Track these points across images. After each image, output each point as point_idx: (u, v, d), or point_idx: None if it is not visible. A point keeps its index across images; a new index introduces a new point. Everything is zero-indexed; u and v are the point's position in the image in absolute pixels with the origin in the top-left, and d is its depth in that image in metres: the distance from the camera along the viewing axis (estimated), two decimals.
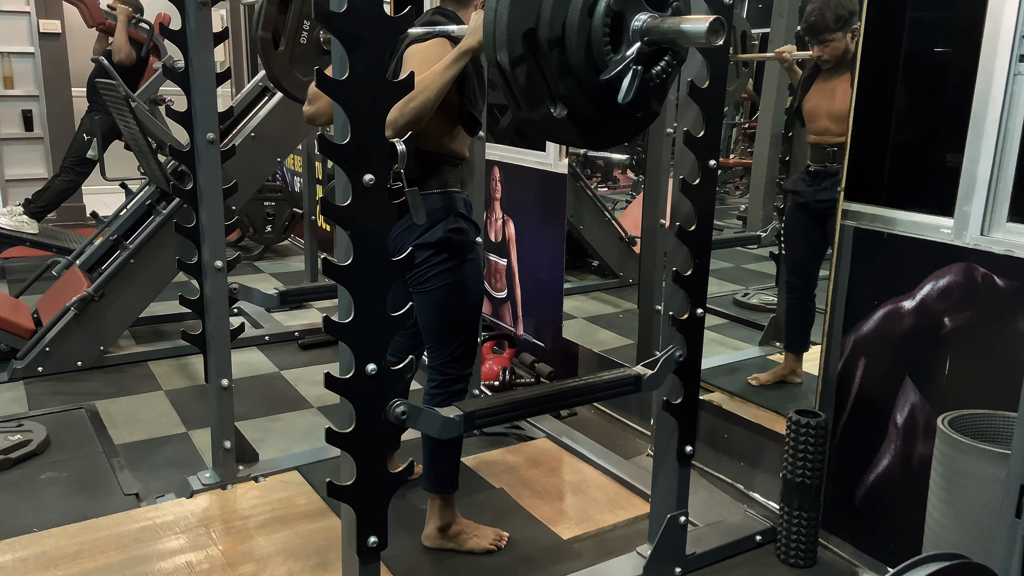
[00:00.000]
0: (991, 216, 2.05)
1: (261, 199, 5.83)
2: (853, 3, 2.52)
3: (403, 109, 1.91)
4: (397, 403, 1.70)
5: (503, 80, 1.61)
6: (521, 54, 1.57)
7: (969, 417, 1.96)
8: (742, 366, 3.33)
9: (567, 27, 1.57)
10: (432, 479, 2.36)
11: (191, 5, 2.41)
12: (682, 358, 2.13)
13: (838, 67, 2.69)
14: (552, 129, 1.68)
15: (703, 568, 2.38)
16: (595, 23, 1.56)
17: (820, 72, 2.80)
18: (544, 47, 1.58)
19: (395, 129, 1.95)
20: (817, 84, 2.81)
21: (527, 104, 1.62)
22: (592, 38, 1.57)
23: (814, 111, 2.83)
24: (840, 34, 2.54)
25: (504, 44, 1.56)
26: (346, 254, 1.58)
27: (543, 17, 1.56)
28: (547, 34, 1.57)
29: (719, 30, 1.49)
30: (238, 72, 7.31)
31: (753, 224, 3.85)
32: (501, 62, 1.58)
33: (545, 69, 1.60)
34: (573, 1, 1.56)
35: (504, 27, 1.55)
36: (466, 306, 2.28)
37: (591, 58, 1.58)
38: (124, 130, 4.16)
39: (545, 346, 3.74)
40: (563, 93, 1.61)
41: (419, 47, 2.10)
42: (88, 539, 2.43)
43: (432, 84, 1.95)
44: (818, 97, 2.80)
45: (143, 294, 3.94)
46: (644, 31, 1.57)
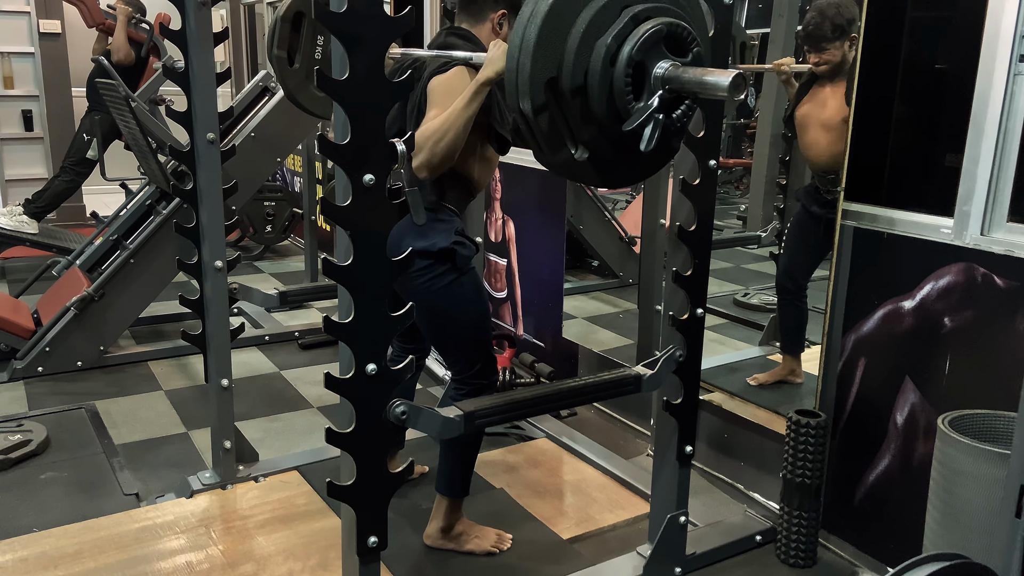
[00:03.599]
0: (991, 216, 2.05)
1: (261, 199, 5.83)
2: (852, 13, 2.53)
3: (434, 149, 1.96)
4: (397, 403, 1.70)
5: (525, 126, 1.62)
6: (544, 102, 1.58)
7: (969, 417, 1.96)
8: (742, 366, 3.33)
9: (589, 76, 1.57)
10: (447, 482, 2.36)
11: (191, 5, 2.41)
12: (682, 358, 2.13)
13: (833, 77, 2.70)
14: (572, 170, 1.69)
15: (703, 568, 2.38)
16: (617, 72, 1.57)
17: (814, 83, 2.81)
18: (567, 95, 1.58)
19: (431, 169, 1.99)
20: (811, 93, 2.81)
21: (549, 149, 1.63)
22: (614, 87, 1.57)
23: (805, 120, 2.84)
24: (838, 43, 2.56)
25: (527, 93, 1.56)
26: (346, 254, 1.58)
27: (565, 66, 1.57)
28: (569, 83, 1.58)
29: (740, 85, 1.50)
30: (238, 72, 7.31)
31: (753, 224, 3.85)
32: (524, 110, 1.59)
33: (568, 116, 1.60)
34: (595, 50, 1.57)
35: (527, 76, 1.55)
36: (473, 318, 2.28)
37: (613, 105, 1.59)
38: (124, 130, 4.16)
39: (545, 346, 3.74)
40: (585, 139, 1.63)
41: (442, 80, 2.10)
42: (88, 539, 2.43)
43: (457, 120, 1.97)
44: (810, 105, 2.80)
45: (143, 294, 3.94)
46: (666, 80, 1.58)
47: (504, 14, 2.23)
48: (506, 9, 2.23)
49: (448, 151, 1.98)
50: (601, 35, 1.56)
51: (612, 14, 1.57)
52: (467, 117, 1.98)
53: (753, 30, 4.01)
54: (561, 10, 1.55)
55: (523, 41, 1.56)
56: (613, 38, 1.56)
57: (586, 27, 1.56)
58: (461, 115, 1.97)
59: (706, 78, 1.54)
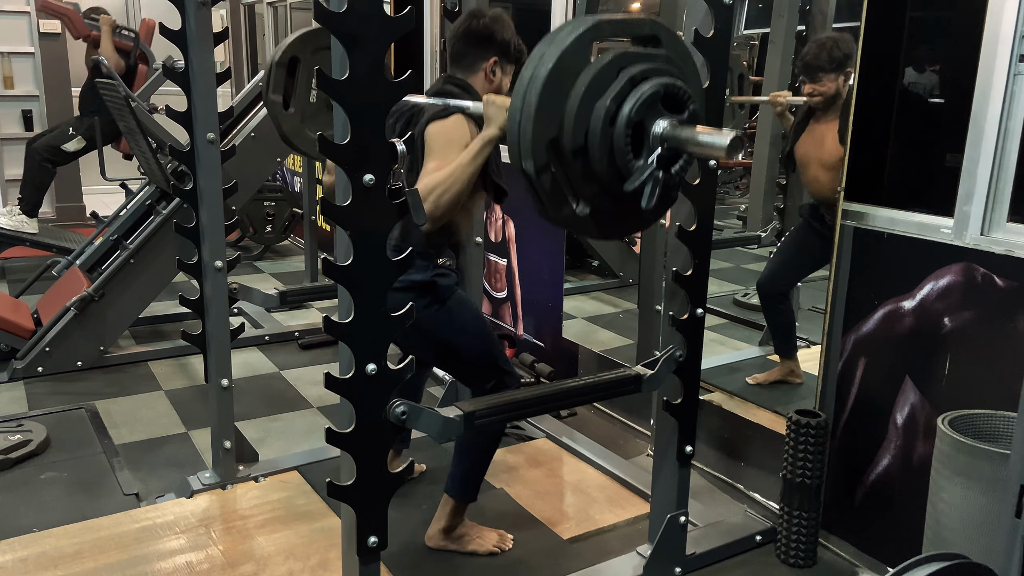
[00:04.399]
0: (991, 216, 2.05)
1: (261, 199, 5.83)
2: (848, 48, 2.59)
3: (437, 202, 2.00)
4: (397, 403, 1.70)
5: (528, 185, 1.66)
6: (546, 162, 1.61)
7: (969, 417, 1.96)
8: (742, 366, 3.34)
9: (590, 136, 1.61)
10: (459, 487, 2.37)
11: (191, 5, 2.41)
12: (682, 358, 2.13)
13: (827, 111, 2.73)
14: (574, 224, 1.73)
15: (703, 568, 2.38)
16: (617, 132, 1.60)
17: (811, 118, 2.82)
18: (568, 155, 1.62)
19: (433, 221, 2.03)
20: (808, 130, 2.84)
21: (552, 206, 1.67)
22: (614, 146, 1.61)
23: (805, 159, 2.88)
24: (834, 75, 2.63)
25: (530, 154, 1.60)
26: (346, 254, 1.58)
27: (566, 127, 1.60)
28: (571, 144, 1.61)
29: (738, 146, 1.54)
30: (238, 72, 7.31)
31: (753, 224, 3.85)
32: (527, 170, 1.62)
33: (569, 175, 1.64)
34: (595, 112, 1.60)
35: (529, 138, 1.59)
36: (470, 339, 2.30)
37: (613, 164, 1.62)
38: (124, 130, 4.16)
39: (545, 346, 3.74)
40: (586, 195, 1.66)
41: (440, 128, 2.14)
42: (88, 539, 2.43)
43: (462, 175, 2.03)
44: (809, 144, 2.83)
45: (143, 294, 3.94)
46: (664, 138, 1.61)
47: (496, 61, 2.30)
48: (497, 57, 2.29)
49: (451, 204, 2.03)
50: (600, 97, 1.60)
51: (610, 76, 1.61)
52: (471, 172, 2.04)
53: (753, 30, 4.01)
54: (561, 73, 1.59)
55: (524, 104, 1.60)
56: (612, 100, 1.59)
57: (585, 89, 1.59)
58: (466, 170, 2.03)
59: (704, 138, 1.59)
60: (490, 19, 2.29)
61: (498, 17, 2.30)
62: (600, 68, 1.59)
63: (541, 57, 1.59)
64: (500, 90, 2.32)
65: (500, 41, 2.28)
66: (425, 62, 4.32)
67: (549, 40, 1.60)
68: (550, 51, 1.58)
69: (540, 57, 1.59)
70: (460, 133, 2.12)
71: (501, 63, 2.30)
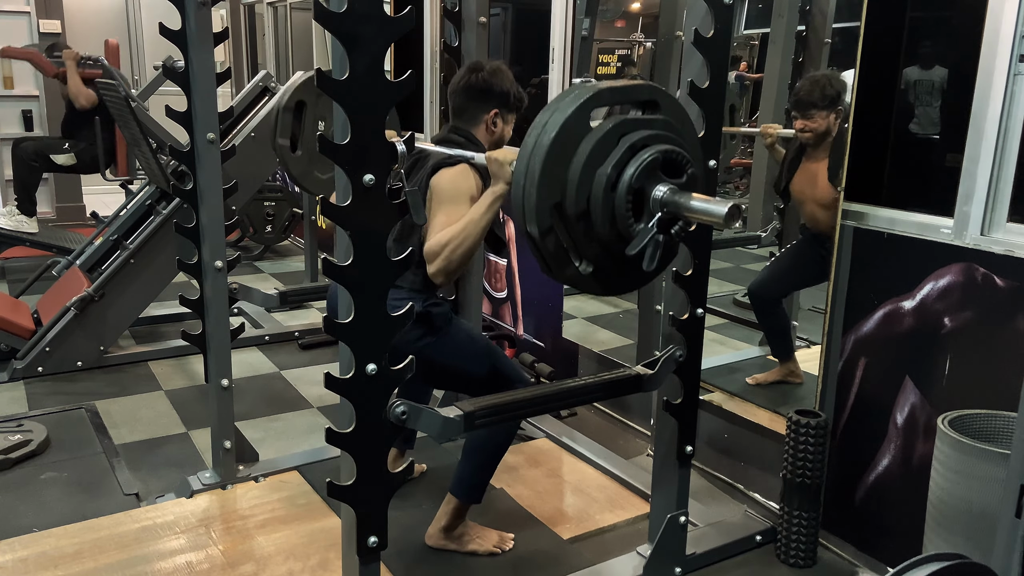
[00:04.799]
0: (991, 216, 2.05)
1: (261, 199, 5.83)
2: (841, 86, 2.63)
3: (451, 256, 2.05)
4: (397, 403, 1.70)
5: (532, 245, 1.71)
6: (550, 226, 1.67)
7: (969, 417, 1.96)
8: (742, 366, 3.33)
9: (592, 201, 1.66)
10: (465, 488, 2.37)
11: (191, 5, 2.40)
12: (682, 358, 2.13)
13: (818, 148, 2.75)
14: (577, 282, 1.78)
15: (703, 568, 2.38)
16: (618, 198, 1.66)
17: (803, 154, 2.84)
18: (571, 219, 1.68)
19: (447, 275, 2.08)
20: (801, 168, 2.86)
21: (556, 266, 1.73)
22: (616, 211, 1.67)
23: (800, 196, 2.91)
24: (825, 112, 2.67)
25: (534, 219, 1.66)
26: (346, 254, 1.58)
27: (569, 193, 1.66)
28: (574, 209, 1.66)
29: (735, 215, 1.60)
30: (238, 72, 7.31)
31: (753, 224, 3.85)
32: (531, 233, 1.68)
33: (573, 236, 1.70)
34: (596, 178, 1.65)
35: (533, 203, 1.65)
36: (476, 361, 2.33)
37: (615, 227, 1.68)
38: (124, 130, 4.16)
39: (545, 346, 3.74)
40: (589, 255, 1.72)
41: (448, 178, 2.18)
42: (88, 539, 2.43)
43: (473, 231, 2.07)
44: (803, 182, 2.86)
45: (143, 294, 3.94)
46: (664, 203, 1.67)
47: (496, 113, 2.36)
48: (497, 109, 2.35)
49: (465, 258, 2.07)
50: (601, 164, 1.65)
51: (611, 144, 1.66)
52: (483, 227, 2.07)
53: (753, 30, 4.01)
54: (563, 141, 1.64)
55: (528, 171, 1.65)
56: (612, 167, 1.65)
57: (587, 157, 1.64)
58: (477, 225, 2.07)
59: (702, 206, 1.64)
60: (488, 72, 2.34)
61: (496, 70, 2.36)
62: (601, 136, 1.66)
63: (544, 125, 1.65)
64: (502, 140, 2.40)
65: (499, 93, 2.34)
66: (425, 62, 4.32)
67: (552, 108, 1.67)
68: (553, 119, 1.65)
69: (543, 125, 1.66)
70: (467, 184, 2.17)
71: (502, 114, 2.37)
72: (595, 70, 3.89)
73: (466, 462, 2.37)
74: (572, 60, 3.55)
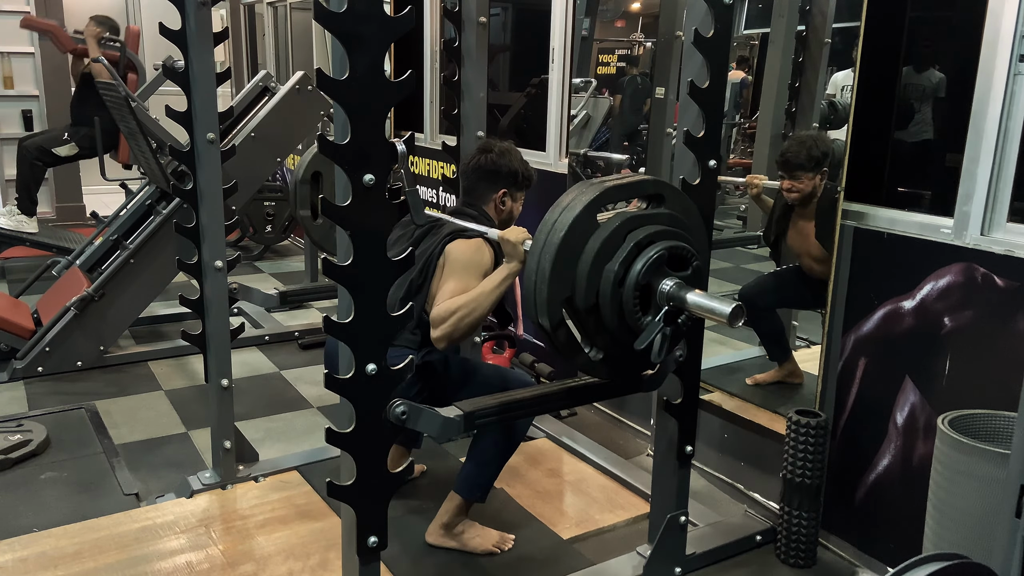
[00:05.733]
0: (991, 216, 2.05)
1: (261, 199, 5.83)
2: (826, 147, 2.66)
3: (458, 324, 2.09)
4: (397, 403, 1.70)
5: (544, 336, 1.78)
6: (560, 319, 1.74)
7: (969, 417, 1.96)
8: (742, 366, 3.33)
9: (600, 297, 1.73)
10: (470, 486, 2.38)
11: (191, 5, 2.40)
12: (682, 358, 2.13)
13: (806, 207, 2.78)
14: (588, 368, 1.85)
15: (703, 568, 2.38)
16: (626, 293, 1.73)
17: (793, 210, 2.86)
18: (581, 312, 1.75)
19: (450, 341, 2.11)
20: (792, 223, 2.88)
21: (567, 355, 1.81)
22: (624, 306, 1.73)
23: (797, 251, 2.95)
24: (811, 174, 2.70)
25: (545, 313, 1.73)
26: (346, 254, 1.58)
27: (578, 288, 1.73)
28: (583, 303, 1.74)
29: (739, 315, 1.66)
30: (238, 72, 7.31)
31: (753, 224, 3.85)
32: (543, 325, 1.75)
33: (583, 327, 1.77)
34: (604, 275, 1.72)
35: (544, 299, 1.72)
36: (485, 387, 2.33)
37: (623, 320, 1.74)
38: (124, 130, 4.16)
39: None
40: (599, 344, 1.80)
41: (463, 249, 2.24)
42: (88, 539, 2.43)
43: (485, 302, 2.12)
44: (796, 240, 2.89)
45: (143, 294, 3.94)
46: (669, 297, 1.73)
47: (504, 192, 2.43)
48: (506, 188, 2.42)
49: (471, 328, 2.12)
50: (609, 260, 1.72)
51: (617, 241, 1.73)
52: (493, 300, 2.13)
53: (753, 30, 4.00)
54: (572, 241, 1.71)
55: (539, 268, 1.72)
56: (620, 264, 1.72)
57: (595, 255, 1.71)
58: (488, 297, 2.12)
59: (707, 304, 1.71)
60: (497, 153, 2.41)
61: (505, 151, 2.43)
62: (608, 233, 1.72)
63: (553, 224, 1.72)
64: (511, 217, 2.46)
65: (507, 174, 2.41)
66: (425, 62, 4.32)
67: (561, 207, 1.74)
68: (562, 219, 1.72)
69: (552, 224, 1.73)
70: (481, 257, 2.24)
71: (511, 192, 2.43)
72: (595, 70, 3.89)
73: (473, 461, 2.37)
74: (572, 60, 3.55)
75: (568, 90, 3.56)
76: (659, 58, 3.47)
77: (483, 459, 2.36)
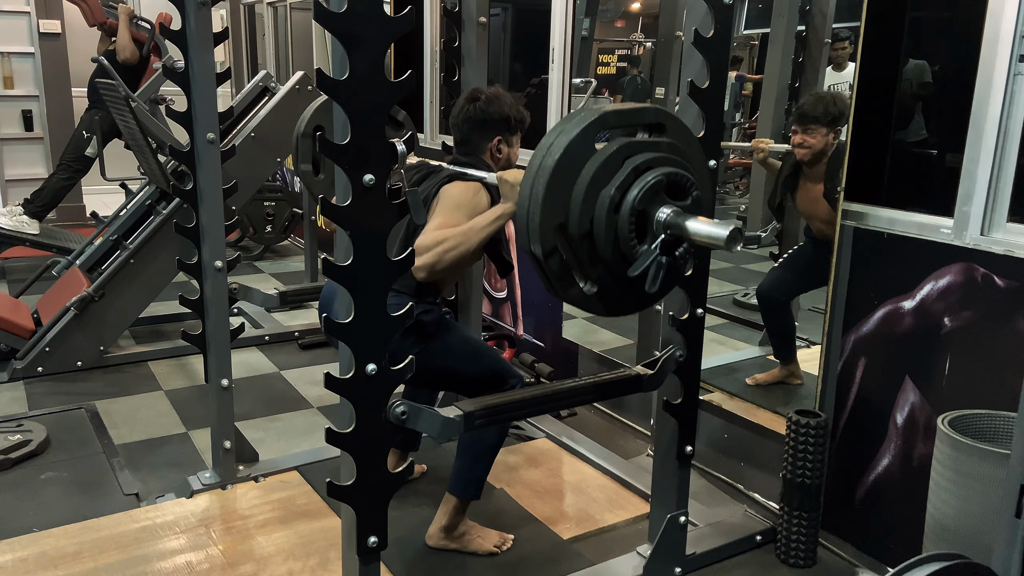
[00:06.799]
0: (991, 216, 2.05)
1: (261, 199, 5.83)
2: (844, 106, 2.64)
3: (442, 256, 2.04)
4: (397, 403, 1.70)
5: (537, 266, 1.71)
6: (553, 247, 1.67)
7: (969, 417, 1.96)
8: (742, 366, 3.33)
9: (595, 223, 1.67)
10: (463, 484, 2.37)
11: (191, 5, 2.40)
12: (682, 358, 2.13)
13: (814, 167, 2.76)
14: (581, 302, 1.78)
15: (703, 568, 2.38)
16: (621, 220, 1.66)
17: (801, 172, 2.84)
18: (575, 240, 1.68)
19: (431, 273, 2.07)
20: (801, 186, 2.87)
21: (560, 287, 1.73)
22: (619, 233, 1.67)
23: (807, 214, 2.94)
24: (825, 130, 2.66)
25: (537, 239, 1.66)
26: (346, 254, 1.58)
27: (572, 214, 1.66)
28: (577, 230, 1.67)
29: (737, 238, 1.61)
30: (238, 72, 7.31)
31: (753, 224, 3.85)
32: (535, 253, 1.68)
33: (577, 257, 1.70)
34: (600, 200, 1.66)
35: (537, 224, 1.65)
36: (470, 362, 2.34)
37: (618, 249, 1.68)
38: (124, 130, 4.16)
39: (545, 346, 3.74)
40: (593, 276, 1.73)
41: (459, 189, 2.20)
42: (88, 539, 2.43)
43: (472, 239, 2.07)
44: (806, 202, 2.87)
45: (143, 294, 3.94)
46: (667, 224, 1.67)
47: (499, 140, 2.35)
48: (499, 135, 2.35)
49: (454, 263, 2.07)
50: (605, 185, 1.66)
51: (615, 165, 1.66)
52: (482, 238, 2.08)
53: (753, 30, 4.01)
54: (567, 164, 1.64)
55: (532, 192, 1.66)
56: (616, 188, 1.65)
57: (591, 179, 1.64)
58: (478, 235, 2.08)
59: (704, 228, 1.65)
60: (485, 101, 2.34)
61: (494, 96, 2.36)
62: (606, 158, 1.66)
63: (549, 147, 1.66)
64: (509, 163, 2.39)
65: (499, 120, 2.34)
66: (425, 62, 4.32)
67: (557, 130, 1.68)
68: (557, 142, 1.65)
69: (548, 147, 1.66)
70: (476, 199, 2.18)
71: (505, 138, 2.37)
72: (595, 70, 3.89)
73: (462, 459, 2.37)
74: (572, 60, 3.55)
75: (568, 90, 3.56)
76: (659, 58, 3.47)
77: (472, 455, 2.35)
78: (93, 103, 5.32)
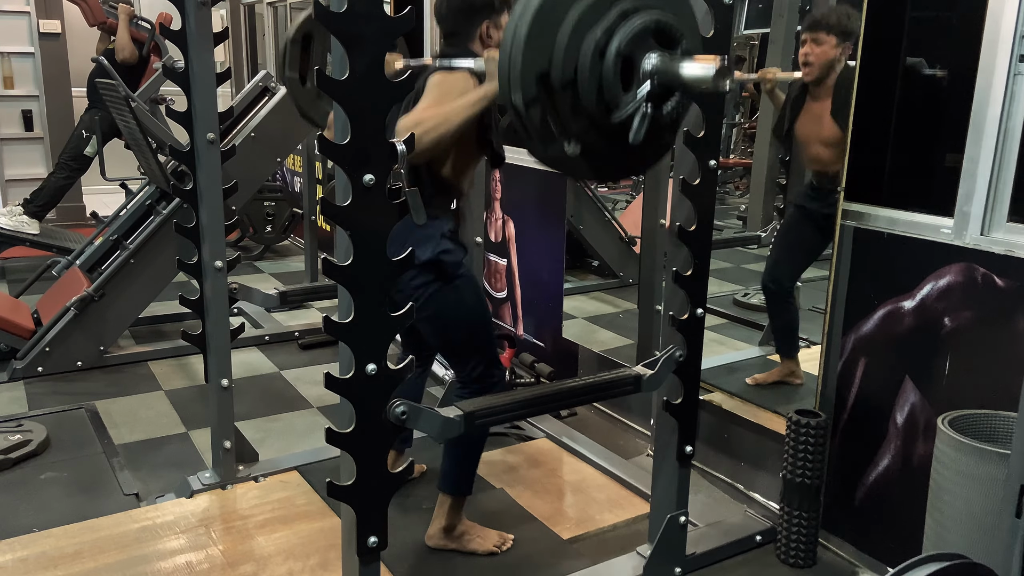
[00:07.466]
0: (991, 216, 2.05)
1: (261, 199, 5.83)
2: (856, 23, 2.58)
3: (420, 138, 1.93)
4: (397, 403, 1.69)
5: (518, 119, 1.64)
6: (535, 95, 1.60)
7: (969, 417, 1.96)
8: (742, 366, 3.34)
9: (579, 69, 1.60)
10: (452, 481, 2.37)
11: (191, 5, 2.41)
12: (682, 358, 2.13)
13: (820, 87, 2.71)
14: (565, 165, 1.71)
15: (703, 568, 2.38)
16: (606, 65, 1.59)
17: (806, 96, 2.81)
18: (557, 88, 1.61)
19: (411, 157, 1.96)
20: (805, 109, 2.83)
21: (541, 142, 1.65)
22: (603, 79, 1.60)
23: (806, 138, 2.86)
24: (834, 40, 2.59)
25: (519, 86, 1.59)
26: (346, 254, 1.58)
27: (556, 60, 1.59)
28: (560, 76, 1.60)
29: (725, 73, 1.54)
30: (238, 72, 7.31)
31: (753, 224, 3.86)
32: (515, 103, 1.61)
33: (559, 109, 1.63)
34: (584, 44, 1.59)
35: (518, 70, 1.58)
36: (471, 322, 2.30)
37: (602, 97, 1.61)
38: (124, 130, 4.16)
39: (545, 346, 3.74)
40: (576, 132, 1.65)
41: (445, 77, 2.11)
42: (88, 539, 2.43)
43: (452, 118, 1.96)
44: (808, 125, 2.81)
45: (143, 294, 3.94)
46: (654, 72, 1.60)
47: (488, 24, 2.25)
48: (487, 20, 2.24)
49: (432, 144, 1.95)
50: (591, 29, 1.58)
51: (602, 9, 1.59)
52: (463, 118, 1.98)
53: (753, 30, 4.01)
54: (552, 6, 1.57)
55: (514, 36, 1.59)
56: (603, 32, 1.58)
57: (576, 22, 1.58)
58: (459, 114, 1.97)
59: (690, 69, 1.58)
60: None
61: None
62: (592, 1, 1.58)
63: None
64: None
65: (484, 4, 2.23)
66: None
67: None
68: None
69: None
70: (463, 85, 2.07)
71: (494, 21, 2.23)
72: None
73: (448, 456, 2.36)
74: None
75: None
76: None
77: (459, 451, 2.35)
78: (93, 103, 5.33)
